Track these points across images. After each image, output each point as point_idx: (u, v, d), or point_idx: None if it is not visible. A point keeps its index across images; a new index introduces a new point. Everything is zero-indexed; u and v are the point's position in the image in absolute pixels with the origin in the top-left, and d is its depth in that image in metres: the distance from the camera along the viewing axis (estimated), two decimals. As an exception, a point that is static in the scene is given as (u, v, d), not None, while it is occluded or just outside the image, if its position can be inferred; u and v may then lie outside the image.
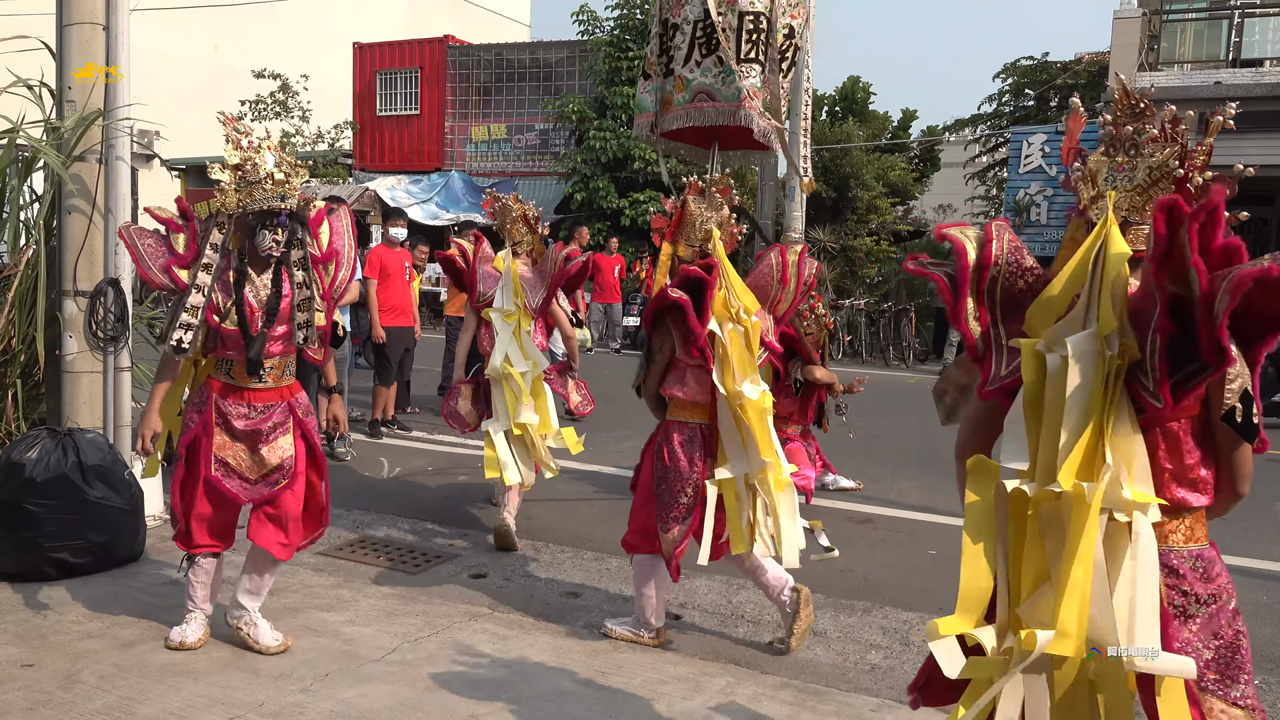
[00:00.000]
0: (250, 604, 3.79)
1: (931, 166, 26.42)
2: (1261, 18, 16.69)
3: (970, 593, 2.17)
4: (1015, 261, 2.16)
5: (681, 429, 3.99)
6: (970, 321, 2.17)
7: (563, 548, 5.36)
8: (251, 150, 3.61)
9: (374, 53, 23.77)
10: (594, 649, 3.89)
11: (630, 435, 8.53)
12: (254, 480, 3.72)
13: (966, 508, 2.17)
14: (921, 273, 2.27)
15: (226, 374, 3.70)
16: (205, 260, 3.56)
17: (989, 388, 2.16)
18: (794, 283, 4.00)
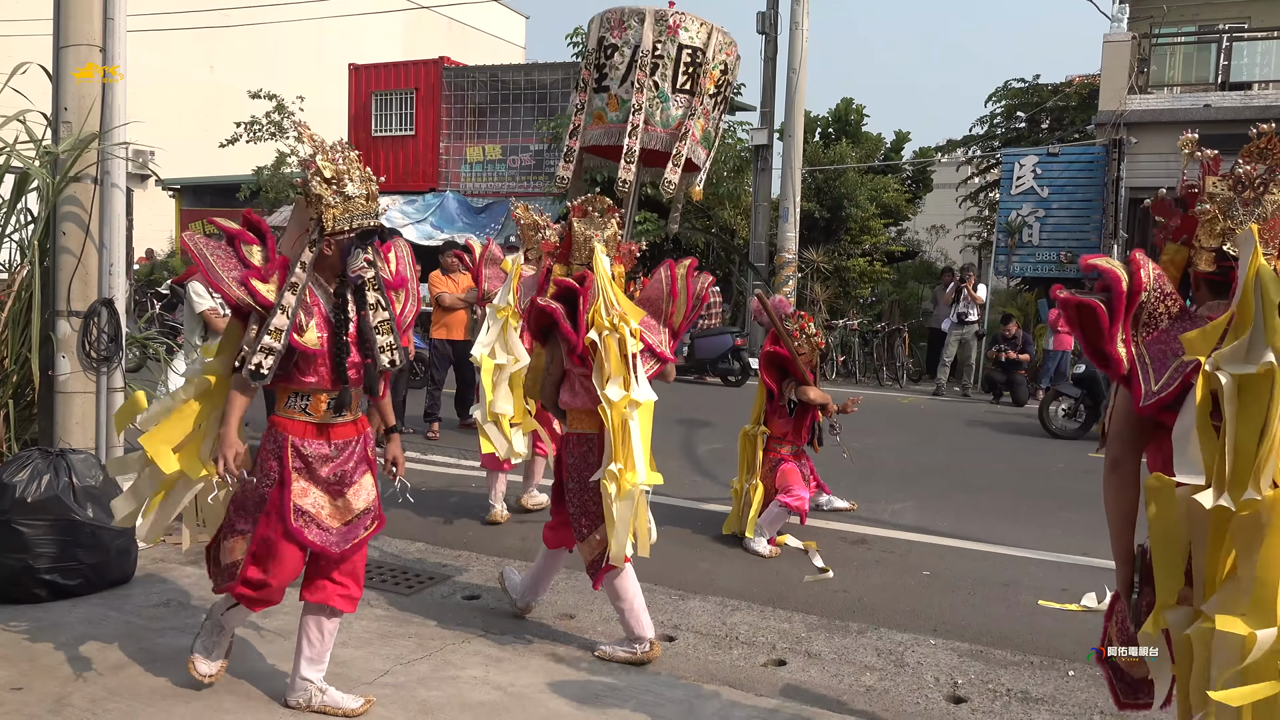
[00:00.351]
0: (315, 674, 3.43)
1: (924, 187, 26.55)
2: (1250, 41, 16.86)
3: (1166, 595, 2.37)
4: (1159, 288, 2.44)
5: (580, 440, 4.11)
6: (1119, 344, 2.41)
7: (557, 569, 5.33)
8: (347, 163, 3.35)
9: (369, 74, 23.87)
10: (589, 671, 3.88)
11: (624, 456, 8.53)
12: (338, 527, 3.36)
13: (1151, 521, 2.34)
14: (1075, 299, 2.47)
15: (302, 410, 3.30)
16: (294, 279, 3.20)
17: (1145, 403, 2.35)
18: (683, 295, 4.12)
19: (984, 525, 6.54)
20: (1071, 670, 4.09)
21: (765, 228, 17.06)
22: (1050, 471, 8.51)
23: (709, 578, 5.33)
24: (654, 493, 7.13)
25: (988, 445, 9.89)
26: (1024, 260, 17.29)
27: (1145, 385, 2.36)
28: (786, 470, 5.84)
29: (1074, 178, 17.06)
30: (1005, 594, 5.18)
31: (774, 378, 5.94)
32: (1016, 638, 4.53)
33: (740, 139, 21.31)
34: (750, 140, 17.89)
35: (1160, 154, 16.17)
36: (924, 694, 3.85)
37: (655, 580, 5.18)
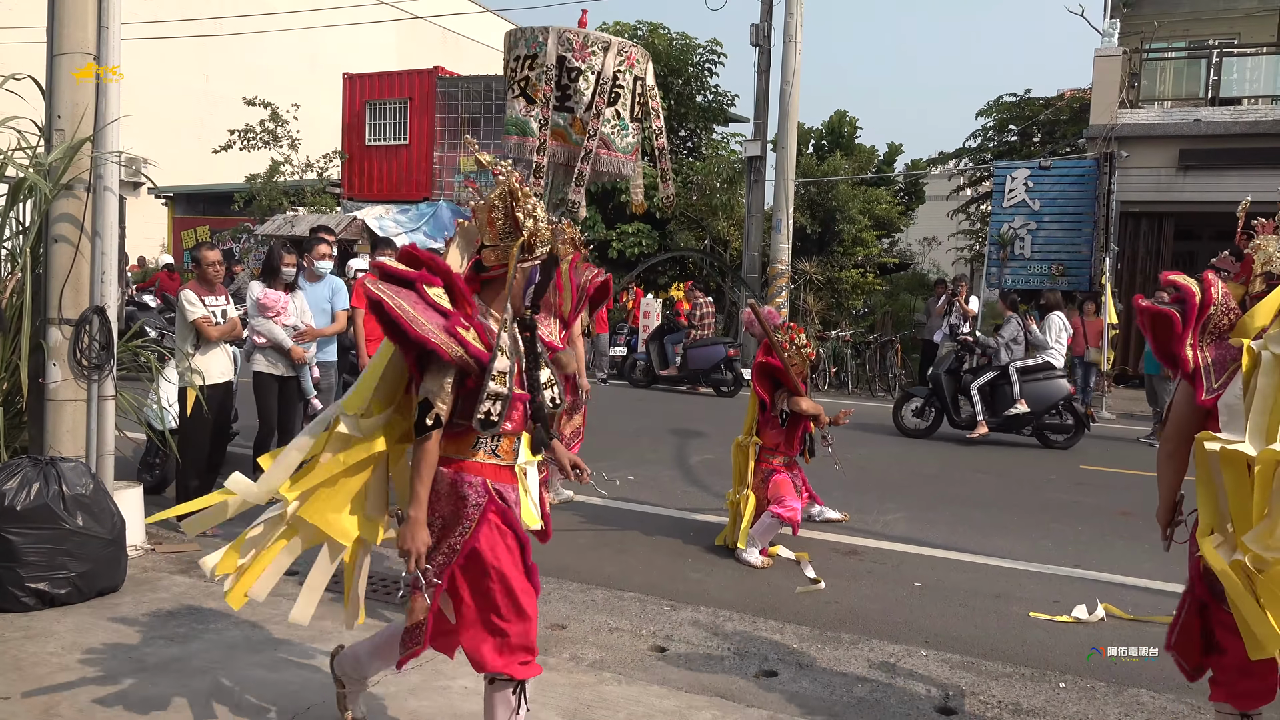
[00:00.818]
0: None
1: (916, 200, 26.68)
2: (1239, 57, 16.99)
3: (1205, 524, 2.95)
4: (1225, 303, 3.00)
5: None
6: (1188, 347, 2.98)
7: (548, 579, 5.31)
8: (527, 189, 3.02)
9: (364, 83, 23.89)
10: (579, 682, 3.87)
11: (616, 465, 8.52)
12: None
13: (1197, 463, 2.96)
14: (1153, 308, 3.09)
15: (492, 452, 2.99)
16: (501, 316, 2.94)
17: (1207, 397, 2.93)
18: (568, 288, 4.17)
19: (975, 537, 6.55)
20: (1063, 682, 4.09)
21: (758, 239, 17.09)
22: (1041, 483, 8.53)
23: (701, 588, 5.32)
24: (647, 503, 7.16)
25: (979, 456, 9.90)
26: (1015, 272, 17.37)
27: (1207, 383, 2.94)
28: (779, 481, 5.85)
29: (1065, 191, 17.16)
30: (996, 605, 5.18)
31: (766, 388, 5.95)
32: (1008, 649, 4.53)
33: (734, 150, 21.40)
34: (743, 152, 17.95)
35: (1151, 168, 16.28)
36: (915, 705, 3.84)
37: (647, 590, 5.18)
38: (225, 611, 4.50)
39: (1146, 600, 5.23)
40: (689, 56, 20.86)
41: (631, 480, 7.97)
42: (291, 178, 22.21)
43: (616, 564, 5.72)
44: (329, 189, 23.84)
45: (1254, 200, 11.79)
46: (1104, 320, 13.28)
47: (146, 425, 5.94)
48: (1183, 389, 3.09)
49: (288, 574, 4.94)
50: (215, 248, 6.40)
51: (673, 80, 20.77)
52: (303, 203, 22.74)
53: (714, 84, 21.71)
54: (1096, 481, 8.65)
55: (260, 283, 6.91)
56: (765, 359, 5.90)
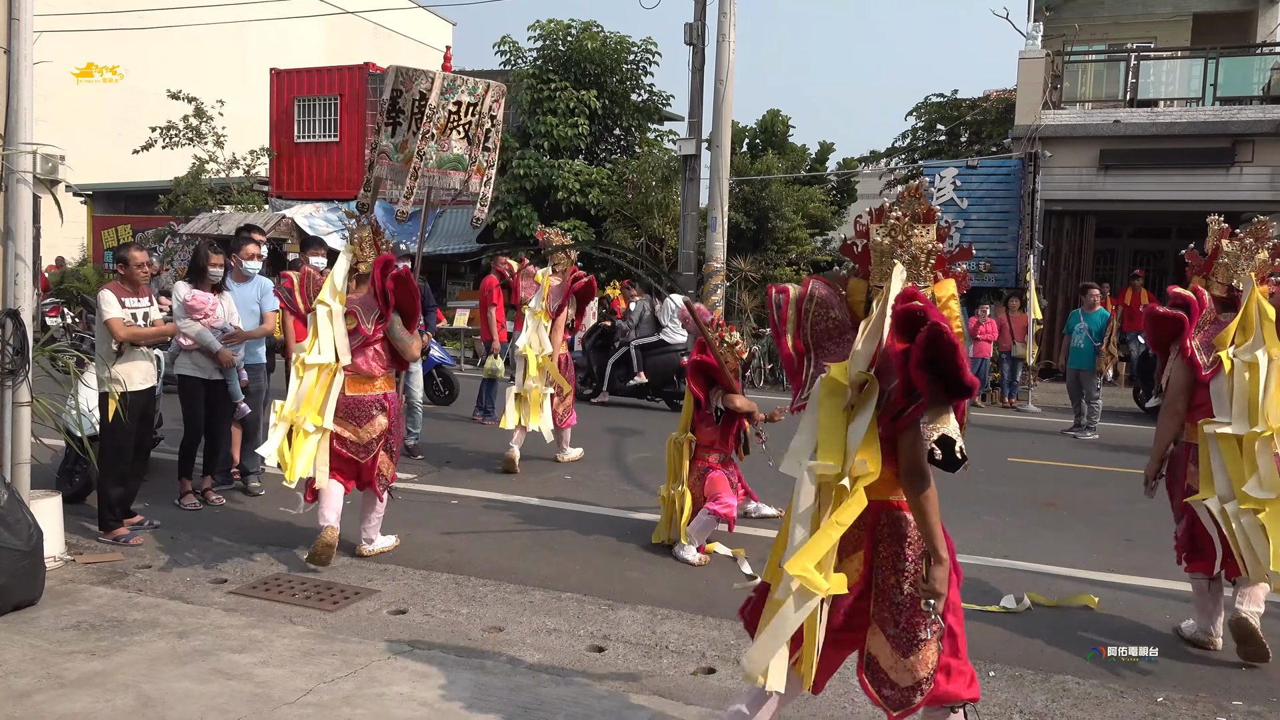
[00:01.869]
0: None
1: (849, 198, 27.04)
2: (1155, 60, 17.56)
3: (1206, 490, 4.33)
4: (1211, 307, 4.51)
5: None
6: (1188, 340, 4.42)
7: (485, 581, 5.28)
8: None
9: (292, 79, 23.44)
10: (516, 685, 3.84)
11: (554, 466, 8.49)
12: None
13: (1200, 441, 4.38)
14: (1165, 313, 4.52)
15: None
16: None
17: (1205, 373, 4.36)
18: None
19: (908, 530, 6.65)
20: (992, 671, 4.18)
21: (694, 237, 17.16)
22: (971, 476, 8.69)
23: (638, 587, 5.33)
24: (584, 502, 7.14)
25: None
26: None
27: (1202, 363, 4.37)
28: (714, 478, 5.88)
29: (992, 190, 17.55)
30: (929, 597, 5.27)
31: (701, 386, 5.97)
32: (940, 640, 4.61)
33: (668, 149, 21.45)
34: (678, 150, 17.99)
35: (1073, 167, 16.74)
36: (851, 698, 3.89)
37: (585, 590, 5.17)
38: (150, 623, 4.38)
39: (1073, 588, 5.37)
40: (623, 55, 20.85)
41: (569, 480, 7.94)
42: (217, 175, 21.68)
43: (554, 564, 5.69)
44: (256, 187, 23.33)
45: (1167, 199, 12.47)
46: (1029, 316, 13.61)
47: (65, 432, 5.75)
48: (1181, 367, 4.46)
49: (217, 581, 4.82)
50: (143, 248, 6.20)
51: (607, 79, 20.75)
52: (229, 201, 22.22)
53: (649, 83, 21.74)
54: (1023, 474, 8.86)
55: (187, 283, 6.73)
56: (700, 357, 5.93)
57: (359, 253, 5.66)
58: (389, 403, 5.64)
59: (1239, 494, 4.14)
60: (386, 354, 5.63)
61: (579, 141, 20.50)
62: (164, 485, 7.01)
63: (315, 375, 5.34)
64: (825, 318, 3.07)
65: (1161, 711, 3.83)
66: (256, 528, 6.31)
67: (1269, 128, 15.56)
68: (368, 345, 5.52)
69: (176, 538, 5.97)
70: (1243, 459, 4.17)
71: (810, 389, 2.97)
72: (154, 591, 4.93)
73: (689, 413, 6.12)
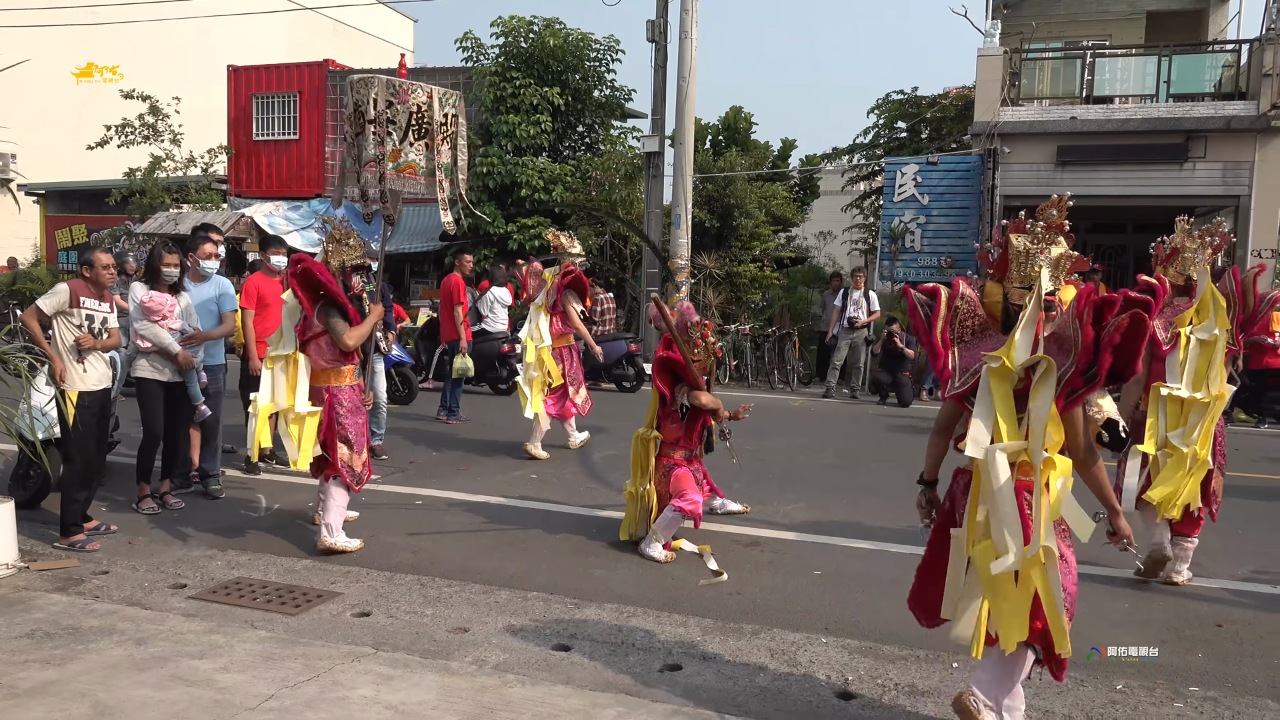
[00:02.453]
0: None
1: (811, 195, 27.20)
2: (1110, 58, 17.81)
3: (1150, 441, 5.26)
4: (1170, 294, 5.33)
5: None
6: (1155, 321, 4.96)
7: (450, 581, 5.25)
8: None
9: (250, 76, 23.12)
10: (482, 686, 3.82)
11: (518, 465, 8.45)
12: None
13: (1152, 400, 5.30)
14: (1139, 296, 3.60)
15: None
16: None
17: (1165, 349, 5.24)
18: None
19: (872, 524, 6.71)
20: (955, 663, 4.23)
21: (658, 234, 17.17)
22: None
23: (605, 585, 5.32)
24: (549, 501, 7.13)
25: (875, 445, 10.16)
26: (907, 265, 17.88)
27: (1162, 339, 5.13)
28: (680, 475, 5.88)
29: (952, 186, 17.73)
30: (893, 591, 5.30)
31: (666, 382, 5.97)
32: (903, 633, 4.64)
33: (632, 146, 21.44)
34: (642, 147, 17.99)
35: (1031, 163, 16.95)
36: (816, 692, 3.92)
37: (551, 589, 5.15)
38: (107, 630, 4.31)
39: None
40: (586, 52, 20.80)
41: (534, 479, 7.91)
42: (174, 174, 21.34)
43: (519, 563, 5.67)
44: (214, 185, 23.01)
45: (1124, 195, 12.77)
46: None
47: (18, 436, 5.63)
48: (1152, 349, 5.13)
49: (176, 587, 4.76)
50: (109, 250, 6.08)
51: (570, 76, 20.68)
52: (187, 200, 21.89)
53: (611, 79, 21.70)
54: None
55: (143, 285, 6.62)
56: (665, 353, 5.92)
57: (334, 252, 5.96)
58: (329, 395, 5.81)
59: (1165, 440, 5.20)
60: (328, 348, 5.77)
61: (542, 139, 20.43)
62: (122, 490, 6.89)
63: (282, 365, 5.76)
64: (972, 315, 3.50)
65: (1120, 699, 3.89)
66: (217, 531, 6.22)
67: (1220, 124, 15.85)
68: (308, 342, 5.80)
69: (134, 543, 5.87)
70: (1181, 416, 5.20)
71: (962, 379, 3.36)
72: (111, 598, 4.84)
73: (654, 410, 6.12)
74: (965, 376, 3.37)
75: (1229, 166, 15.99)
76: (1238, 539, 6.45)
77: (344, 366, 5.85)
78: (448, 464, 8.45)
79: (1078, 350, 3.12)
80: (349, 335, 5.73)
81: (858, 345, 14.45)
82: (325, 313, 5.75)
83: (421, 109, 6.14)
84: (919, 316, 3.54)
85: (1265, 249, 15.85)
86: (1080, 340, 3.10)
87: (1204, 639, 4.61)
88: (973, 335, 3.47)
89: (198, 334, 6.76)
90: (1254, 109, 15.80)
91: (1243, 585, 5.47)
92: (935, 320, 3.47)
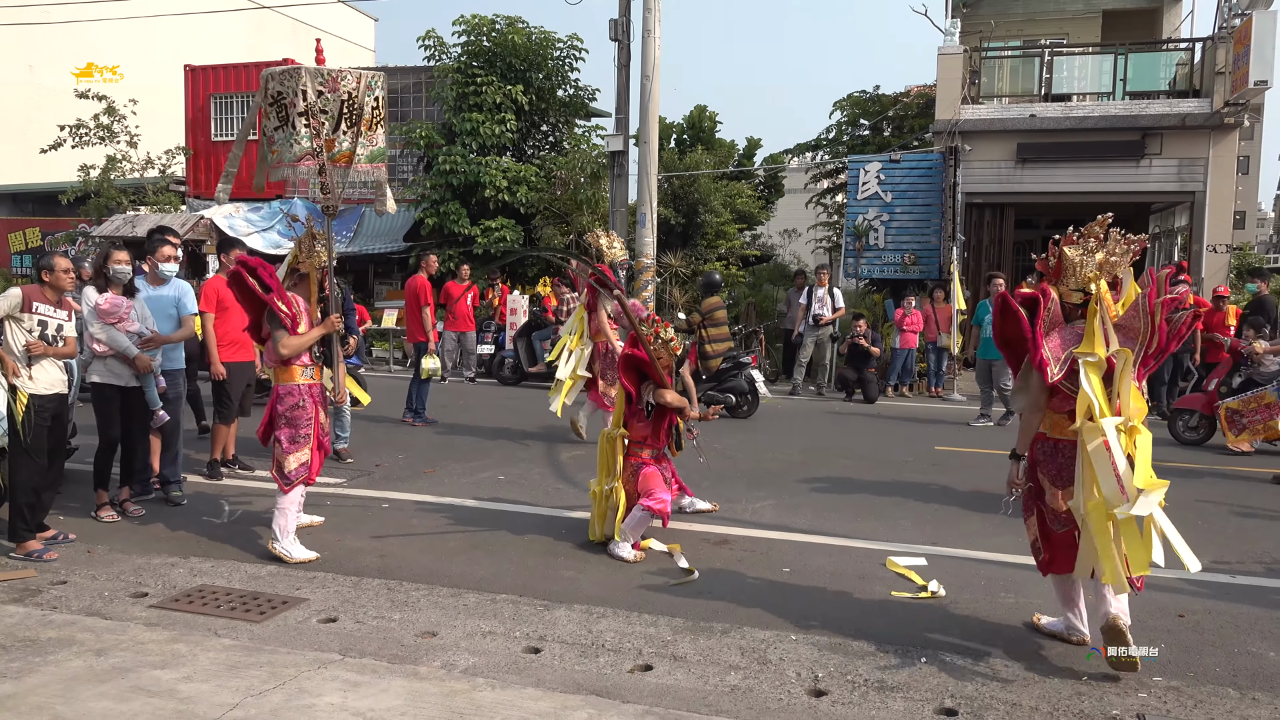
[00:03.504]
0: None
1: (776, 193, 27.32)
2: (1068, 56, 18.06)
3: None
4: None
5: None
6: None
7: (418, 585, 5.20)
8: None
9: (208, 75, 22.81)
10: (451, 690, 3.78)
11: (486, 467, 8.40)
12: None
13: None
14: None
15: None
16: None
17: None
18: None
19: (839, 520, 6.75)
20: (923, 657, 4.25)
21: (623, 233, 17.15)
22: (900, 466, 8.87)
23: (574, 586, 5.29)
24: (517, 502, 7.09)
25: (841, 442, 10.22)
26: (871, 262, 18.02)
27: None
28: (648, 474, 5.87)
29: (915, 183, 17.89)
30: (861, 586, 5.35)
31: (633, 380, 5.96)
32: (872, 629, 4.68)
33: (596, 145, 21.39)
34: (606, 146, 17.96)
35: (992, 161, 17.15)
36: (787, 690, 3.92)
37: (520, 591, 5.12)
38: (65, 641, 4.22)
39: (1000, 574, 5.49)
40: (549, 51, 20.73)
41: (501, 480, 7.87)
42: (131, 175, 20.98)
43: (488, 566, 5.63)
44: (172, 187, 22.66)
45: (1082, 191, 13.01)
46: (953, 306, 13.90)
47: (-30, 444, 5.50)
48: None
49: (137, 595, 4.67)
50: (67, 255, 5.96)
51: (533, 75, 20.61)
52: (144, 201, 21.54)
53: (575, 78, 21.65)
54: (950, 461, 9.04)
55: (95, 288, 6.48)
56: (631, 351, 5.91)
57: (299, 255, 6.00)
58: (273, 392, 5.83)
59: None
60: (270, 350, 5.81)
61: (506, 138, 20.33)
62: (79, 497, 6.76)
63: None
64: (1057, 314, 4.32)
65: (1086, 690, 3.93)
66: (178, 539, 6.12)
67: (1175, 121, 16.13)
68: (265, 340, 5.89)
69: (93, 551, 5.76)
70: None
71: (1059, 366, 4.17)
72: (69, 608, 4.74)
73: (621, 408, 6.11)
74: (1060, 365, 4.16)
75: (1184, 163, 16.28)
76: (1196, 529, 6.56)
77: (289, 366, 5.78)
78: (414, 466, 8.38)
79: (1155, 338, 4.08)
80: (284, 344, 5.69)
81: (823, 342, 14.53)
82: (271, 320, 5.75)
83: (352, 95, 5.99)
84: (1022, 318, 4.28)
85: (1220, 244, 16.16)
86: (1154, 330, 4.07)
87: (1166, 629, 4.68)
88: (1055, 329, 4.28)
89: (156, 337, 6.64)
90: (1207, 106, 16.10)
91: (1202, 576, 5.56)
92: (1039, 322, 4.23)
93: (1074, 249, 4.29)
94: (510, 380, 15.35)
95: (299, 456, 5.75)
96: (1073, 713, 3.71)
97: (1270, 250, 49.52)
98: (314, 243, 6.01)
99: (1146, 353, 4.10)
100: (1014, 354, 4.55)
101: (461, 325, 15.31)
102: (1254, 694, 3.93)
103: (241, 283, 5.69)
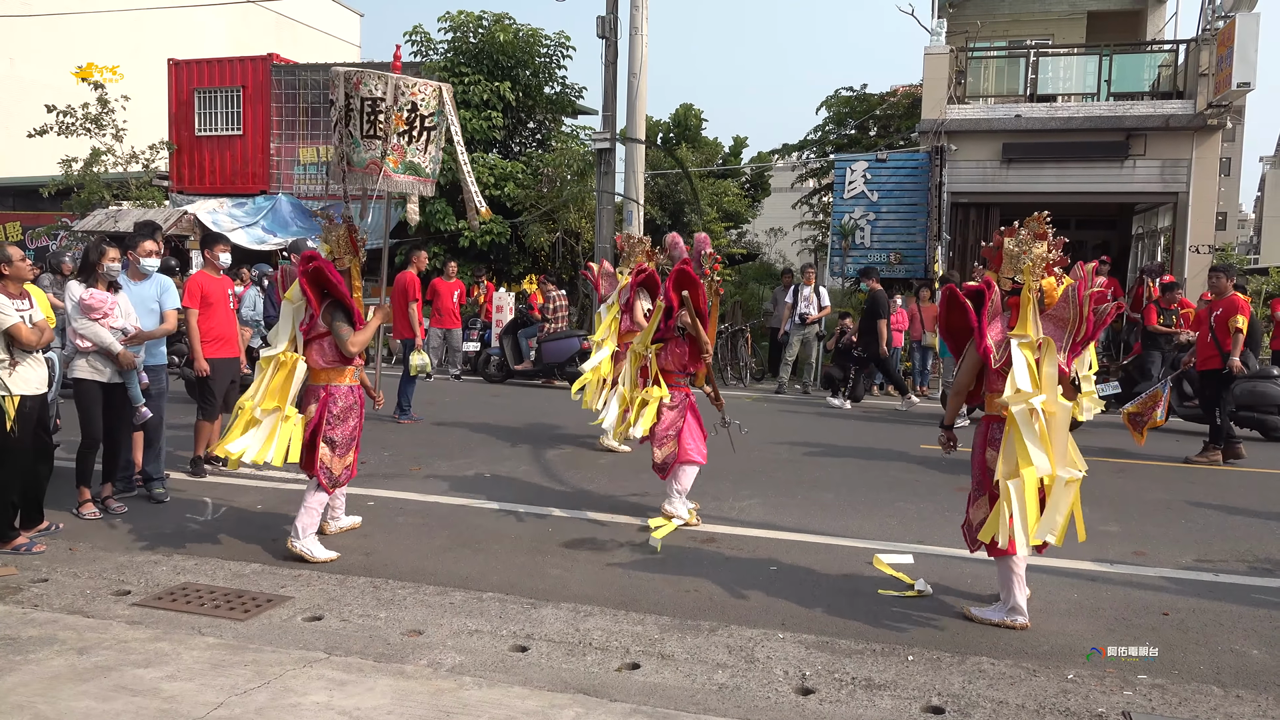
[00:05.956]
0: None
1: (762, 191, 27.36)
2: (1054, 57, 18.14)
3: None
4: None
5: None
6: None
7: (404, 583, 5.17)
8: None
9: (192, 70, 22.61)
10: (438, 689, 3.76)
11: (471, 464, 8.37)
12: None
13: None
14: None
15: None
16: None
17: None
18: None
19: (826, 519, 6.75)
20: (911, 655, 4.26)
21: (609, 230, 17.13)
22: (886, 464, 8.89)
23: (561, 584, 5.28)
24: (504, 500, 7.07)
25: (828, 440, 10.23)
26: (857, 261, 18.04)
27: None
28: (681, 428, 6.36)
29: (901, 183, 17.94)
30: (848, 584, 5.35)
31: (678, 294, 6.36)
32: (859, 627, 4.69)
33: (583, 143, 21.36)
34: (593, 144, 17.93)
35: (977, 160, 17.21)
36: (774, 688, 3.92)
37: (507, 590, 5.10)
38: (47, 639, 4.17)
39: (986, 571, 5.51)
40: (536, 48, 20.67)
41: (487, 478, 7.84)
42: (114, 169, 20.80)
43: (474, 564, 5.61)
44: (156, 182, 22.48)
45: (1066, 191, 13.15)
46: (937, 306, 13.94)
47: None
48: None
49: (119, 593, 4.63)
50: (20, 246, 5.90)
51: (520, 72, 20.55)
52: (128, 196, 21.36)
53: (562, 76, 21.60)
54: (935, 460, 9.07)
55: (80, 282, 6.42)
56: (686, 267, 6.39)
57: (335, 251, 5.88)
58: (325, 393, 5.67)
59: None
60: (330, 348, 5.65)
61: (493, 135, 20.26)
62: (62, 494, 6.70)
63: (272, 368, 5.65)
64: (998, 305, 4.70)
65: (1072, 688, 3.94)
66: (161, 536, 6.07)
67: (1159, 122, 16.22)
68: (310, 340, 5.69)
69: (75, 549, 5.71)
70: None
71: (998, 352, 4.58)
72: (51, 606, 4.70)
73: (653, 327, 6.45)
74: (1000, 350, 4.54)
75: (1167, 164, 16.38)
76: (1179, 528, 6.60)
77: (345, 366, 5.73)
78: (399, 464, 8.34)
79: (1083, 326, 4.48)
80: (352, 341, 5.61)
81: (809, 341, 14.55)
82: (331, 314, 5.61)
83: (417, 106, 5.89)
84: (969, 309, 4.66)
85: (1203, 244, 16.27)
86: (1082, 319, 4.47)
87: (1151, 627, 4.71)
88: (995, 318, 4.66)
89: (140, 333, 6.58)
90: (1191, 108, 16.20)
91: (1186, 574, 5.60)
92: (984, 314, 4.61)
93: (1012, 241, 4.70)
94: (496, 378, 15.31)
95: (346, 460, 5.76)
96: (1059, 710, 3.73)
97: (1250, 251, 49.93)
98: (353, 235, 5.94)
99: (1075, 340, 4.53)
100: (956, 343, 5.02)
101: (448, 322, 15.26)
102: (1238, 691, 3.95)
103: (322, 278, 5.56)
